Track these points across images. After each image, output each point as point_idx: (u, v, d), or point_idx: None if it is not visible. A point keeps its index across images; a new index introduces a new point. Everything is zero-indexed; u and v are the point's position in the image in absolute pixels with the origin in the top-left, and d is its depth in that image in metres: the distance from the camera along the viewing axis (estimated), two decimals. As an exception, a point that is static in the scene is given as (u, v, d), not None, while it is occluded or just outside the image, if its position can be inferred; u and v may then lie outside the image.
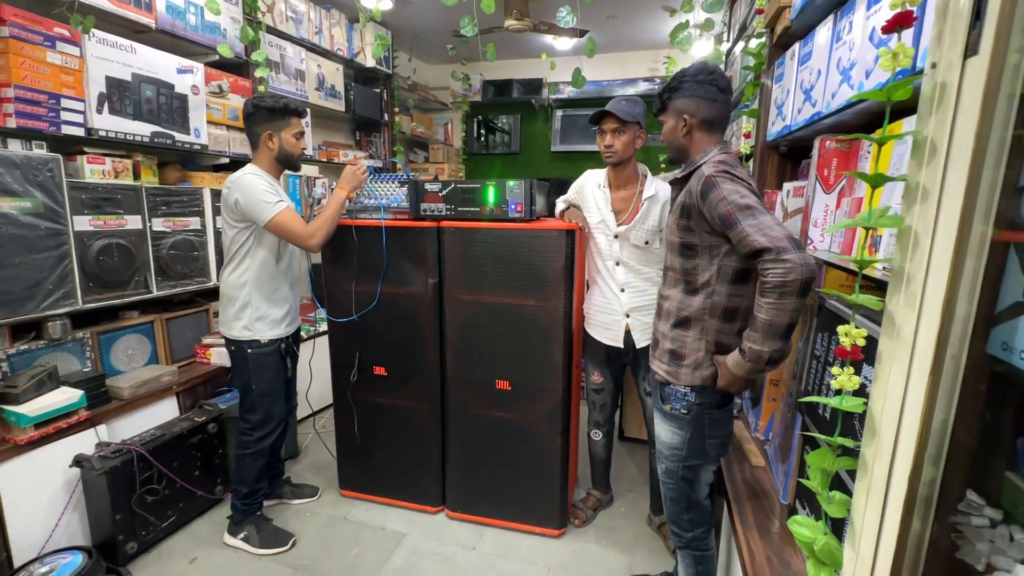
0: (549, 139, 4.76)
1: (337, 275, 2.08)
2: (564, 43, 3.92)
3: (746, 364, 1.19)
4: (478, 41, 2.24)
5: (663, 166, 4.10)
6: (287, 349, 1.97)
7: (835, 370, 0.72)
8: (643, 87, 4.28)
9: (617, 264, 1.84)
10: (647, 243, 1.79)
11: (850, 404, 0.70)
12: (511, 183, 1.82)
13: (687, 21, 2.19)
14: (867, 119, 1.28)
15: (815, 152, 1.38)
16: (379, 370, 2.12)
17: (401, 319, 2.04)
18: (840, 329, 0.71)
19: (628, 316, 1.84)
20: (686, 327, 1.31)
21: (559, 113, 4.65)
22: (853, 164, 1.29)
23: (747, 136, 1.97)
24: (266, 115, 1.82)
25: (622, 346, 1.87)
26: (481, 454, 2.07)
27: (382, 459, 2.21)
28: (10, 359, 1.79)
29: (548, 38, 3.88)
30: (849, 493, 0.73)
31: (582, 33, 3.11)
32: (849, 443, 0.75)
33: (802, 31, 1.56)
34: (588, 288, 2.01)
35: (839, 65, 1.26)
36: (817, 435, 0.80)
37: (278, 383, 1.95)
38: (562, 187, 2.03)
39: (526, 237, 1.84)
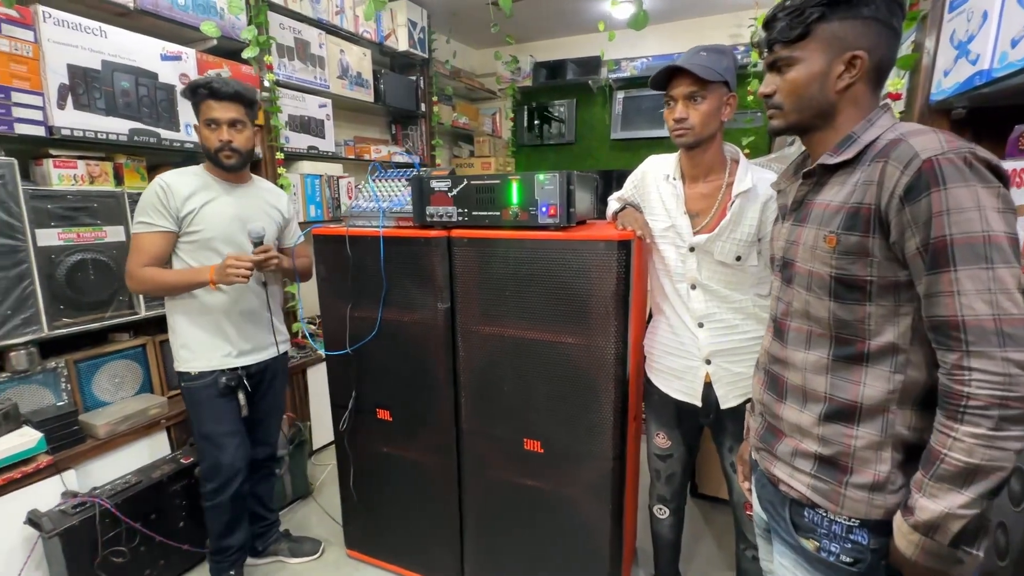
0: (608, 125, 4.17)
1: (331, 296, 1.70)
2: (623, 10, 3.33)
3: (914, 537, 0.68)
4: (522, 15, 1.73)
5: (746, 151, 3.40)
6: (231, 383, 1.59)
7: None
8: (722, 58, 3.58)
9: (693, 288, 1.30)
10: (739, 259, 1.23)
11: None
12: (541, 177, 1.33)
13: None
14: None
15: (1071, 105, 0.78)
16: (383, 413, 1.71)
17: (407, 353, 1.62)
18: None
19: (709, 363, 1.29)
20: (851, 421, 0.77)
21: (620, 95, 4.05)
22: None
23: (894, 97, 1.34)
24: (192, 104, 1.52)
25: (699, 404, 1.32)
26: (506, 525, 1.61)
27: (390, 518, 1.81)
28: (-37, 397, 1.57)
29: (606, 4, 3.31)
30: None
31: (646, -11, 2.52)
32: None
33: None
34: (651, 319, 1.48)
35: None
36: None
37: (222, 425, 1.59)
38: (623, 181, 1.51)
39: (561, 250, 1.34)
